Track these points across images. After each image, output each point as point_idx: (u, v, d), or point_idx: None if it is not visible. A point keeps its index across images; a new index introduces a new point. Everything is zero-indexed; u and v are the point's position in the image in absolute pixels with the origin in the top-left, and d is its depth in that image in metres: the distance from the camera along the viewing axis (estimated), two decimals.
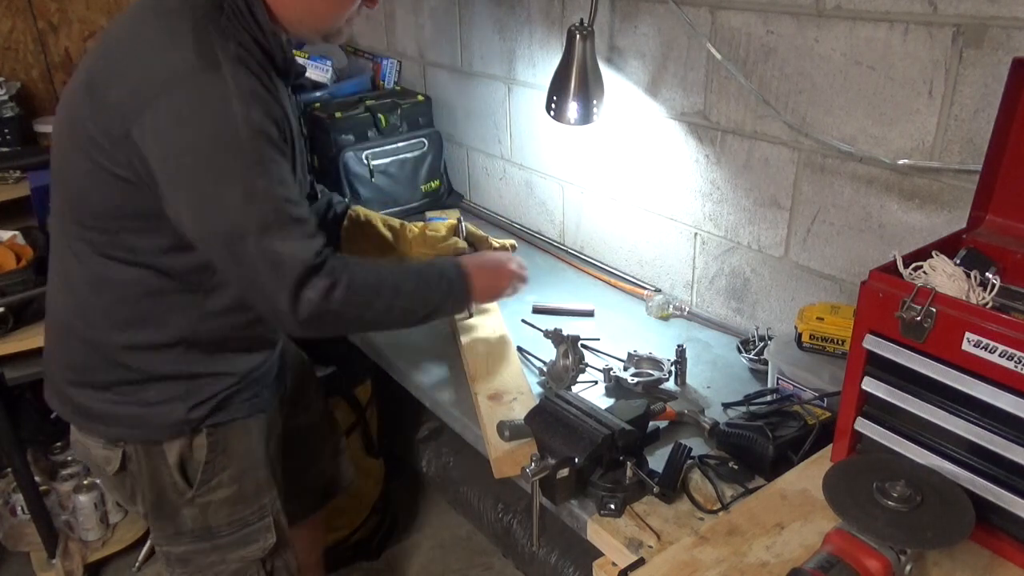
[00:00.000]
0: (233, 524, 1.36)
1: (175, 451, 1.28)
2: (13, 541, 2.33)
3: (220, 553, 1.36)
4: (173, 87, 1.03)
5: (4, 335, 1.93)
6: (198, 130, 1.04)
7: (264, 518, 1.39)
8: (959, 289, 0.99)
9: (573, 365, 1.47)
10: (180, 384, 1.26)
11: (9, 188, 2.33)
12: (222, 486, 1.33)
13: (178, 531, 1.34)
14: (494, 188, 2.37)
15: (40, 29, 2.70)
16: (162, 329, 1.22)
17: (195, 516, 1.33)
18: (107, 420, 1.27)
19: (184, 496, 1.31)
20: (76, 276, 1.22)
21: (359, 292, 1.16)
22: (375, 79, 2.64)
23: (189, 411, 1.27)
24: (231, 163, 1.05)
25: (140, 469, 1.30)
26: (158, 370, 1.25)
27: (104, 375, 1.25)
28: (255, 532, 1.38)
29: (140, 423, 1.27)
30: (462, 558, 2.40)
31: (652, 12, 1.66)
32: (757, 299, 1.67)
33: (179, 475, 1.30)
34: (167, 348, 1.24)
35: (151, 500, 1.32)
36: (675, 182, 1.75)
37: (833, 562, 0.88)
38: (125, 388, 1.25)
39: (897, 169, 1.34)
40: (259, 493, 1.38)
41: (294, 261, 1.09)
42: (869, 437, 1.08)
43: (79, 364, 1.27)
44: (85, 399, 1.27)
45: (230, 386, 1.30)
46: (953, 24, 1.20)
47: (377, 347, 1.67)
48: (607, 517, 1.15)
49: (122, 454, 1.29)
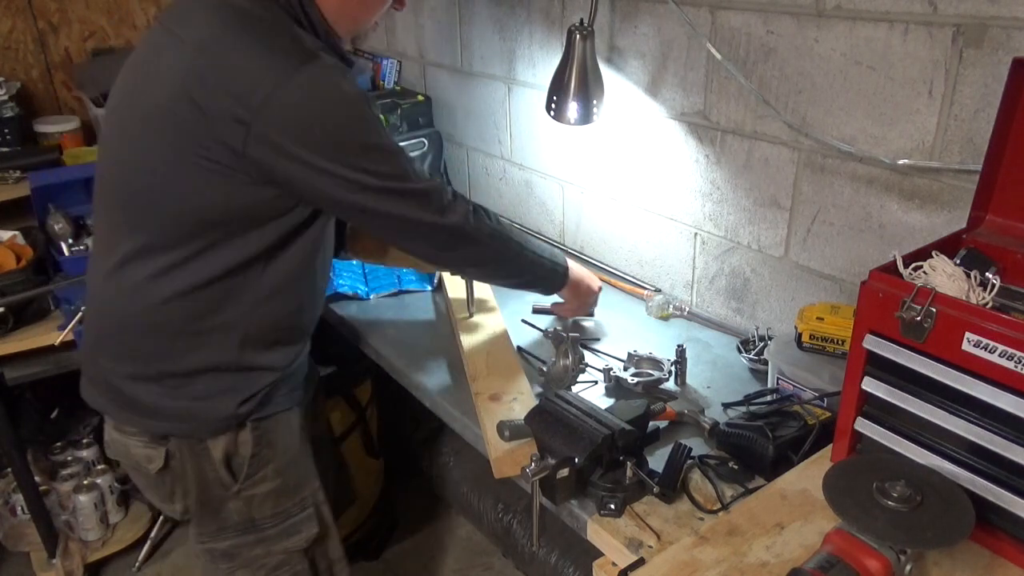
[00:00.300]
0: (277, 516, 1.38)
1: (220, 447, 1.29)
2: (13, 541, 2.33)
3: (265, 545, 1.38)
4: (285, 83, 1.08)
5: (4, 335, 1.93)
6: (321, 112, 1.11)
7: (306, 509, 1.41)
8: (959, 289, 0.99)
9: (573, 365, 1.47)
10: (229, 377, 1.27)
11: (9, 188, 2.33)
12: (267, 479, 1.34)
13: (222, 526, 1.36)
14: (494, 188, 2.37)
15: (40, 29, 2.70)
16: (222, 318, 1.23)
17: (240, 510, 1.35)
18: (155, 414, 1.28)
19: (229, 490, 1.32)
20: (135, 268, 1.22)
21: (489, 225, 1.33)
22: (375, 79, 2.64)
23: (238, 406, 1.28)
24: (360, 130, 1.15)
25: (184, 466, 1.31)
26: (211, 361, 1.25)
27: (158, 365, 1.25)
28: (298, 523, 1.40)
29: (188, 417, 1.27)
30: (462, 558, 2.40)
31: (652, 12, 1.66)
32: (757, 299, 1.67)
33: (224, 470, 1.31)
34: (224, 337, 1.25)
35: (195, 496, 1.33)
36: (675, 182, 1.75)
37: (833, 562, 0.88)
38: (175, 381, 1.26)
39: (897, 169, 1.34)
40: (301, 485, 1.39)
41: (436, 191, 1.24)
42: (869, 437, 1.08)
43: (133, 354, 1.27)
44: (135, 391, 1.27)
45: (274, 381, 1.32)
46: (953, 24, 1.20)
47: (377, 347, 1.67)
48: (607, 517, 1.14)
49: (165, 452, 1.29)
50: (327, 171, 1.13)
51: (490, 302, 1.77)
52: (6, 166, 2.38)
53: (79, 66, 2.73)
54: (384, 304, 1.85)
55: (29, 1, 2.65)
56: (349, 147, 1.14)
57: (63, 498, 2.28)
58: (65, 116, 2.72)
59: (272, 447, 1.34)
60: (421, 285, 1.90)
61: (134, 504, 2.47)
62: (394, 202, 1.20)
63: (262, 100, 1.07)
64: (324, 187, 1.15)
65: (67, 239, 2.08)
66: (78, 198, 2.17)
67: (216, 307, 1.22)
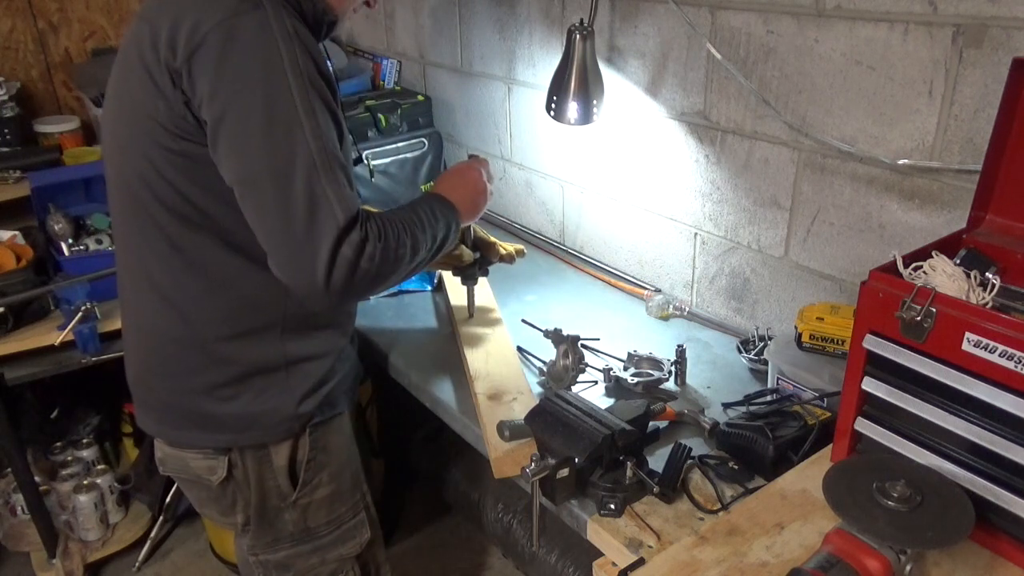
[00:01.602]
0: (331, 523, 1.36)
1: (284, 453, 1.27)
2: (13, 541, 2.33)
3: (320, 554, 1.36)
4: (219, 29, 1.01)
5: (4, 335, 1.93)
6: (245, 68, 1.02)
7: (358, 514, 1.40)
8: (959, 289, 0.99)
9: (573, 365, 1.47)
10: (279, 374, 1.24)
11: (9, 188, 2.33)
12: (322, 485, 1.33)
13: (277, 537, 1.33)
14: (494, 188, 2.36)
15: (40, 29, 2.71)
16: (256, 312, 1.20)
17: (296, 519, 1.32)
18: (215, 427, 1.24)
19: (286, 500, 1.30)
20: (160, 274, 1.19)
21: (389, 249, 1.10)
22: (375, 79, 2.64)
23: (298, 405, 1.25)
24: (278, 99, 1.03)
25: (246, 475, 1.27)
26: (256, 360, 1.22)
27: (204, 376, 1.22)
28: (352, 529, 1.39)
29: (250, 424, 1.24)
30: (462, 558, 2.40)
31: (652, 12, 1.66)
32: (757, 299, 1.67)
33: (285, 478, 1.28)
34: (263, 332, 1.21)
35: (255, 506, 1.30)
36: (675, 182, 1.75)
37: (833, 562, 0.88)
38: (227, 390, 1.22)
39: (897, 169, 1.34)
40: (353, 489, 1.38)
41: (334, 209, 1.03)
42: (869, 437, 1.08)
43: (179, 369, 1.23)
44: (190, 406, 1.24)
45: (328, 371, 1.28)
46: (953, 24, 1.20)
47: (377, 347, 1.67)
48: (607, 517, 1.14)
49: (227, 461, 1.26)
50: (226, 128, 1.04)
51: (490, 302, 1.77)
52: (6, 166, 2.39)
53: (79, 66, 2.73)
54: (384, 304, 1.85)
55: (29, 1, 2.65)
56: (258, 109, 1.03)
57: (63, 498, 2.28)
58: (65, 116, 2.72)
59: (327, 451, 1.32)
60: (421, 285, 1.91)
61: (134, 504, 2.47)
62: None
63: (192, 48, 1.02)
64: (221, 146, 1.06)
65: (67, 239, 2.08)
66: (78, 198, 2.17)
67: (248, 303, 1.19)
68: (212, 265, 1.17)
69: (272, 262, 1.07)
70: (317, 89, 1.06)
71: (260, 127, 1.03)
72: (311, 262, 1.03)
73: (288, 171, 1.02)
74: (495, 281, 1.82)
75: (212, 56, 1.01)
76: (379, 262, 1.07)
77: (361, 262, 1.05)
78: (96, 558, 2.31)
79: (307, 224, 1.02)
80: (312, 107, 1.04)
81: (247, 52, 1.02)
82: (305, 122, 1.03)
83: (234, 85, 1.02)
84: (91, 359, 1.94)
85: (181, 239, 1.15)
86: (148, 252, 1.19)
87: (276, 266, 1.07)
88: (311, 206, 1.02)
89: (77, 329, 1.91)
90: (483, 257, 1.63)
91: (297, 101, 1.03)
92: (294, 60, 1.03)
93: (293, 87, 1.03)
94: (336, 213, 1.03)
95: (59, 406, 2.56)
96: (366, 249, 1.05)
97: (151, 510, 2.44)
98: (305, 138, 1.03)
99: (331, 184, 1.04)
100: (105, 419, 2.62)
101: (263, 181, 1.04)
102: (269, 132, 1.03)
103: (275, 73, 1.02)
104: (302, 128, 1.03)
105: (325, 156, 1.04)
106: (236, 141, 1.04)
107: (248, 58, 1.02)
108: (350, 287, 1.06)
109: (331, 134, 1.08)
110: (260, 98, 1.02)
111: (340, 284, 1.04)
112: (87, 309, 1.93)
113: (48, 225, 2.11)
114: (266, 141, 1.03)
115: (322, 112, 1.06)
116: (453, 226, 1.28)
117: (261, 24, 1.02)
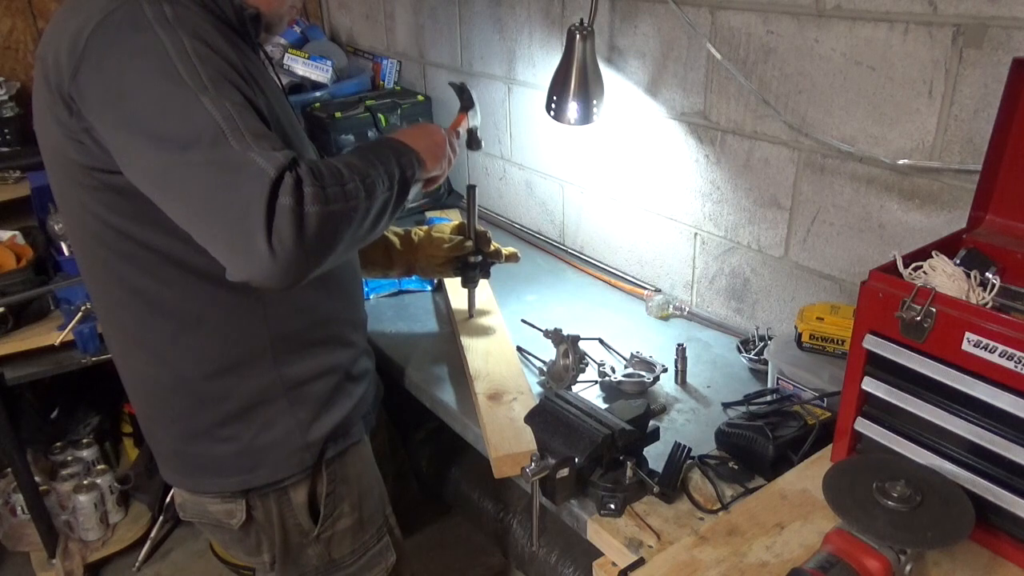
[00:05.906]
0: (356, 551, 1.34)
1: (301, 491, 1.24)
2: (13, 541, 2.33)
3: None
4: (96, 31, 0.96)
5: (4, 335, 1.93)
6: (124, 62, 0.96)
7: (383, 538, 1.38)
8: (959, 289, 0.99)
9: (573, 365, 1.47)
10: (280, 402, 1.19)
11: (9, 188, 2.33)
12: (343, 516, 1.30)
13: (303, 573, 1.30)
14: (494, 188, 2.37)
15: (40, 29, 2.70)
16: (237, 342, 1.15)
17: (320, 554, 1.30)
18: (225, 469, 1.21)
19: (308, 536, 1.28)
20: (129, 322, 1.16)
21: (334, 184, 0.97)
22: (375, 79, 2.64)
23: (307, 432, 1.21)
24: (165, 82, 0.94)
25: (267, 516, 1.24)
26: (251, 393, 1.18)
27: (199, 418, 1.18)
28: (377, 555, 1.37)
29: (259, 462, 1.20)
30: (462, 558, 2.40)
31: (652, 12, 1.66)
32: (757, 299, 1.67)
33: (306, 515, 1.26)
34: (253, 362, 1.17)
35: (279, 545, 1.27)
36: (675, 182, 1.75)
37: (833, 562, 0.88)
38: (226, 429, 1.18)
39: (897, 169, 1.34)
40: (375, 514, 1.36)
41: (260, 166, 0.91)
42: (869, 437, 1.08)
43: (174, 415, 1.20)
44: (195, 451, 1.21)
45: (334, 390, 1.24)
46: (953, 24, 1.20)
47: (377, 347, 1.67)
48: (607, 517, 1.14)
49: (246, 503, 1.23)
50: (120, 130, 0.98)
51: (490, 302, 1.77)
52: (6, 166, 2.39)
53: None
54: (384, 304, 1.85)
55: (29, 1, 2.65)
56: (144, 100, 0.96)
57: (63, 498, 2.28)
58: None
59: (346, 482, 1.29)
60: (421, 285, 1.91)
61: (134, 504, 2.47)
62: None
63: (73, 66, 0.97)
64: (120, 151, 0.99)
65: (67, 239, 2.08)
66: None
67: (223, 335, 1.14)
68: (173, 302, 1.12)
69: (219, 257, 0.95)
70: (215, 67, 0.97)
71: (154, 114, 0.94)
72: (250, 230, 0.90)
73: (195, 146, 0.92)
74: (495, 281, 1.82)
75: (93, 62, 0.97)
76: (327, 200, 0.94)
77: (305, 206, 0.92)
78: (96, 558, 2.31)
79: (232, 193, 0.91)
80: (206, 84, 0.95)
81: (124, 45, 0.96)
82: (201, 96, 0.93)
83: (119, 83, 0.96)
84: (91, 359, 1.95)
85: (136, 282, 1.11)
86: (113, 303, 1.16)
87: (222, 257, 0.95)
88: (231, 173, 0.91)
89: (77, 329, 1.92)
90: (485, 260, 1.63)
91: (187, 79, 0.94)
92: (177, 42, 0.96)
93: (180, 68, 0.94)
94: (263, 168, 0.91)
95: (59, 406, 2.57)
96: (305, 189, 0.92)
97: (151, 510, 2.44)
98: (205, 110, 0.93)
99: (250, 148, 0.92)
100: (105, 419, 2.62)
101: (174, 169, 0.93)
102: (163, 117, 0.94)
103: (158, 59, 0.95)
104: (199, 102, 0.93)
105: (234, 123, 0.93)
106: (135, 139, 0.96)
107: (125, 52, 0.96)
108: (303, 238, 0.92)
109: (241, 107, 0.96)
110: (148, 87, 0.95)
111: (290, 239, 0.91)
112: (87, 309, 1.93)
113: (48, 225, 2.11)
114: (163, 125, 0.94)
115: (224, 86, 0.96)
116: (413, 161, 1.16)
117: (134, 15, 0.97)
